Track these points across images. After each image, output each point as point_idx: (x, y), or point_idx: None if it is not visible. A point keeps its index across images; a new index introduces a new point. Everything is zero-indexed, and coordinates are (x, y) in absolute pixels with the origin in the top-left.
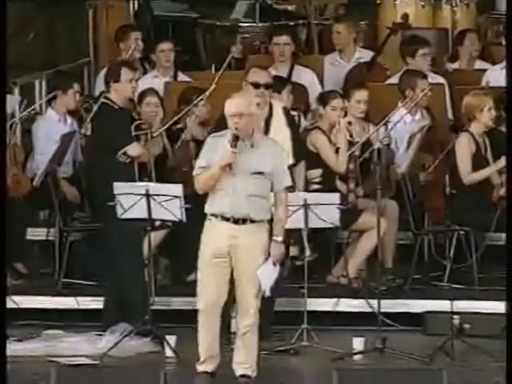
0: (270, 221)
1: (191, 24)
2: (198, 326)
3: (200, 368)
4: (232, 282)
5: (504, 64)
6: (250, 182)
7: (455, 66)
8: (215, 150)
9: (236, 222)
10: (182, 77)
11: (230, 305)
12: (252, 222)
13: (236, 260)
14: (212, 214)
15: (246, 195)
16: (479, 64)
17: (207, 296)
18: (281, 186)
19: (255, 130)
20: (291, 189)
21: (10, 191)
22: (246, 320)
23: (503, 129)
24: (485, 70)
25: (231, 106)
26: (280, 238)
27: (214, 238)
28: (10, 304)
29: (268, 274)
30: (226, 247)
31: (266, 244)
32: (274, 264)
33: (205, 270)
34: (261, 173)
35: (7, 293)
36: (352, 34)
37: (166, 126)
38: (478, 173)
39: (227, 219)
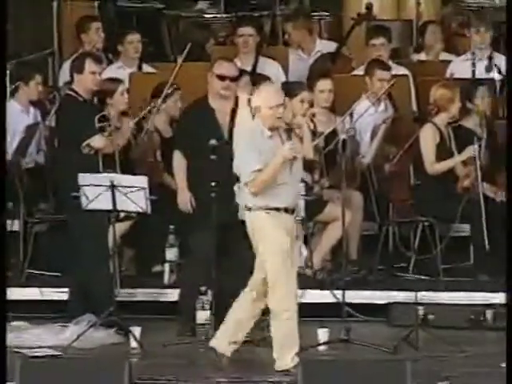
0: None
1: (155, 15)
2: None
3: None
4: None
5: (468, 55)
6: (300, 168)
7: (420, 57)
8: (259, 148)
9: (292, 212)
10: (146, 68)
11: (196, 298)
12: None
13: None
14: (273, 208)
15: (299, 181)
16: (444, 55)
17: (288, 289)
18: None
19: None
20: None
21: None
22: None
23: (465, 121)
24: (449, 62)
25: (273, 97)
26: None
27: (283, 230)
28: None
29: None
30: (290, 237)
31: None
32: None
33: (287, 262)
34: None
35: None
36: (304, 29)
37: (141, 115)
38: (442, 164)
39: (287, 211)
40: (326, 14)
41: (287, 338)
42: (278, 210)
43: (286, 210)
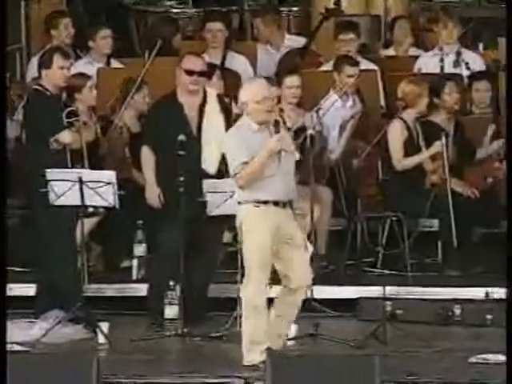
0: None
1: (124, 10)
2: (255, 314)
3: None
4: None
5: (436, 51)
6: (292, 161)
7: (389, 52)
8: (247, 142)
9: (284, 205)
10: (114, 63)
11: (164, 293)
12: (290, 202)
13: (280, 242)
14: (262, 201)
15: (292, 174)
16: (412, 51)
17: (261, 283)
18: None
19: None
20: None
21: None
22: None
23: (433, 117)
24: (417, 57)
25: (259, 90)
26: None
27: (269, 224)
28: None
29: None
30: (277, 231)
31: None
32: None
33: (263, 258)
34: (292, 151)
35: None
36: (273, 24)
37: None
38: (410, 159)
39: (277, 204)
40: (295, 8)
41: (256, 333)
42: (266, 203)
43: (276, 204)
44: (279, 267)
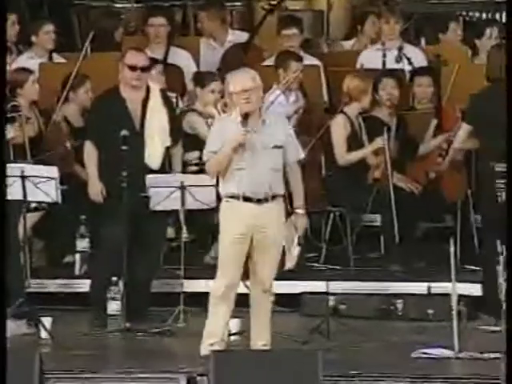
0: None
1: (66, 4)
2: (213, 308)
3: (204, 352)
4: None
5: (378, 46)
6: (269, 156)
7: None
8: (225, 133)
9: (258, 201)
10: (57, 58)
11: (107, 289)
12: (272, 198)
13: (256, 240)
14: (232, 196)
15: (268, 169)
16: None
17: (229, 278)
18: (295, 157)
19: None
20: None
21: None
22: (263, 299)
23: (376, 112)
24: (359, 52)
25: (237, 82)
26: (303, 211)
27: (237, 220)
28: None
29: (297, 252)
30: (248, 228)
31: (283, 222)
32: (299, 237)
33: (228, 253)
34: (279, 146)
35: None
36: (217, 18)
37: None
38: (353, 154)
39: (249, 199)
40: (238, 3)
41: (209, 326)
42: (237, 198)
43: (248, 199)
44: (249, 265)
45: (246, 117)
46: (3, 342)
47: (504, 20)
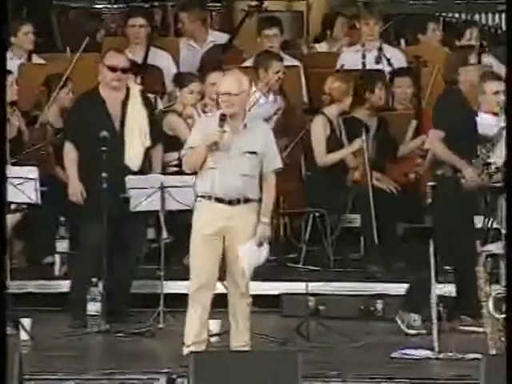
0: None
1: (46, 5)
2: (189, 309)
3: (186, 351)
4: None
5: (358, 47)
6: (243, 161)
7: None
8: (206, 130)
9: (230, 202)
10: (36, 59)
11: (86, 290)
12: (245, 201)
13: (228, 241)
14: (203, 195)
15: (239, 174)
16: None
17: (201, 278)
18: (271, 167)
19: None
20: None
21: None
22: (239, 301)
23: (356, 112)
24: (339, 53)
25: (221, 84)
26: (267, 220)
27: (208, 220)
28: None
29: (252, 255)
30: (220, 229)
31: (256, 225)
32: (259, 245)
33: (199, 253)
34: (254, 152)
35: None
36: (198, 19)
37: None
38: (332, 155)
39: (220, 200)
40: (218, 4)
41: (188, 327)
42: (206, 197)
43: (220, 200)
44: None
45: (224, 117)
46: (3, 342)
47: (504, 20)
